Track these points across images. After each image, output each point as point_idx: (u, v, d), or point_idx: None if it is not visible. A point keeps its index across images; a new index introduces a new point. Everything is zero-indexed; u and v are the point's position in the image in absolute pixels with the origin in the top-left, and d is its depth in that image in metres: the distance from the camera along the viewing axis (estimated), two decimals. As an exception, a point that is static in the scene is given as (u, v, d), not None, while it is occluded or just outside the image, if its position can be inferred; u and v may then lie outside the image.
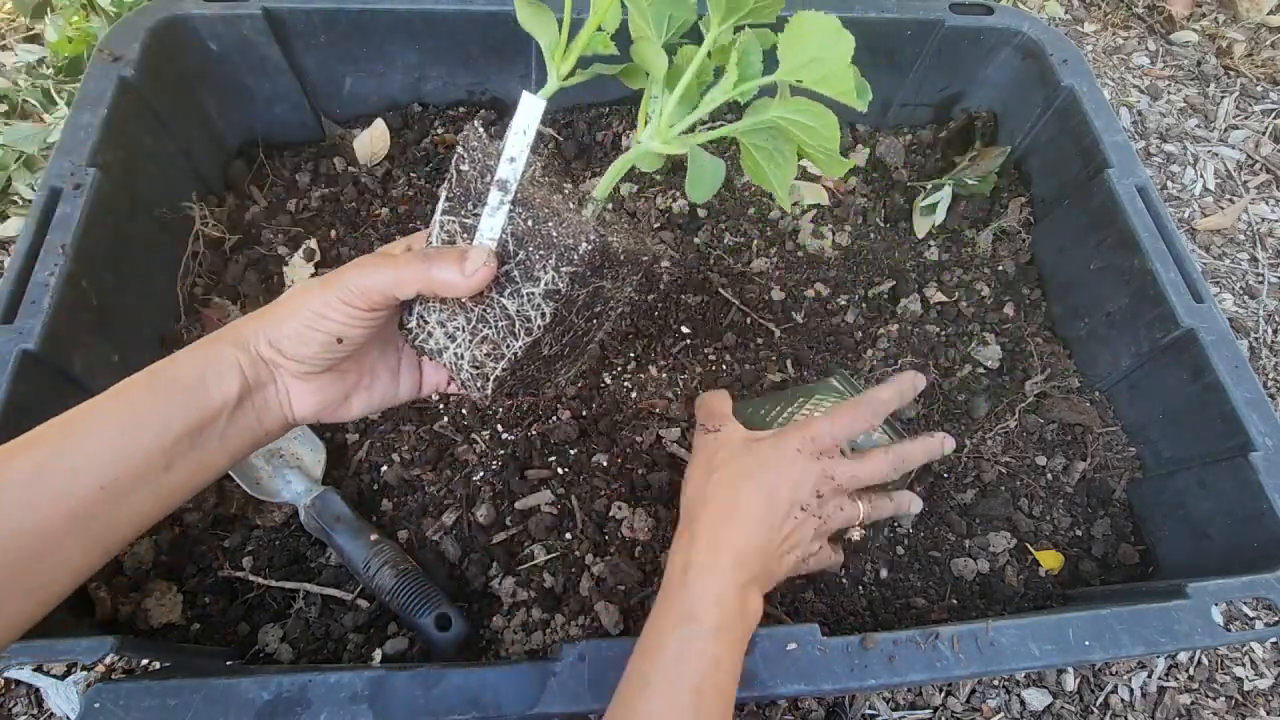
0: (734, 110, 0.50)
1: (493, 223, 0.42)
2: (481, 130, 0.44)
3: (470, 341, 0.44)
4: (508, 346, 0.44)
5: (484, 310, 0.43)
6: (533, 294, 0.42)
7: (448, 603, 0.65)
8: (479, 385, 0.46)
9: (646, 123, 0.46)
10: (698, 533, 0.54)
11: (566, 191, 0.48)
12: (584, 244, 0.41)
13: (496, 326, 0.44)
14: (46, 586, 0.37)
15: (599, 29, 0.43)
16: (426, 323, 0.45)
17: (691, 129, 0.45)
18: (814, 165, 0.47)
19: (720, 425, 0.60)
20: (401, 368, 0.51)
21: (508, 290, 0.43)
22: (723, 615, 0.50)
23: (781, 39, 0.41)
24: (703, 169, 0.45)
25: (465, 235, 0.44)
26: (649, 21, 0.44)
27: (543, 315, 0.43)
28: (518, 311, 0.43)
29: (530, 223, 0.42)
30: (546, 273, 0.42)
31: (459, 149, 0.44)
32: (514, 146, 0.42)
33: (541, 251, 0.41)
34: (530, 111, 0.42)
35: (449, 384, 0.53)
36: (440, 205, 0.44)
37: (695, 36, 0.45)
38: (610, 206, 0.47)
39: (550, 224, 0.41)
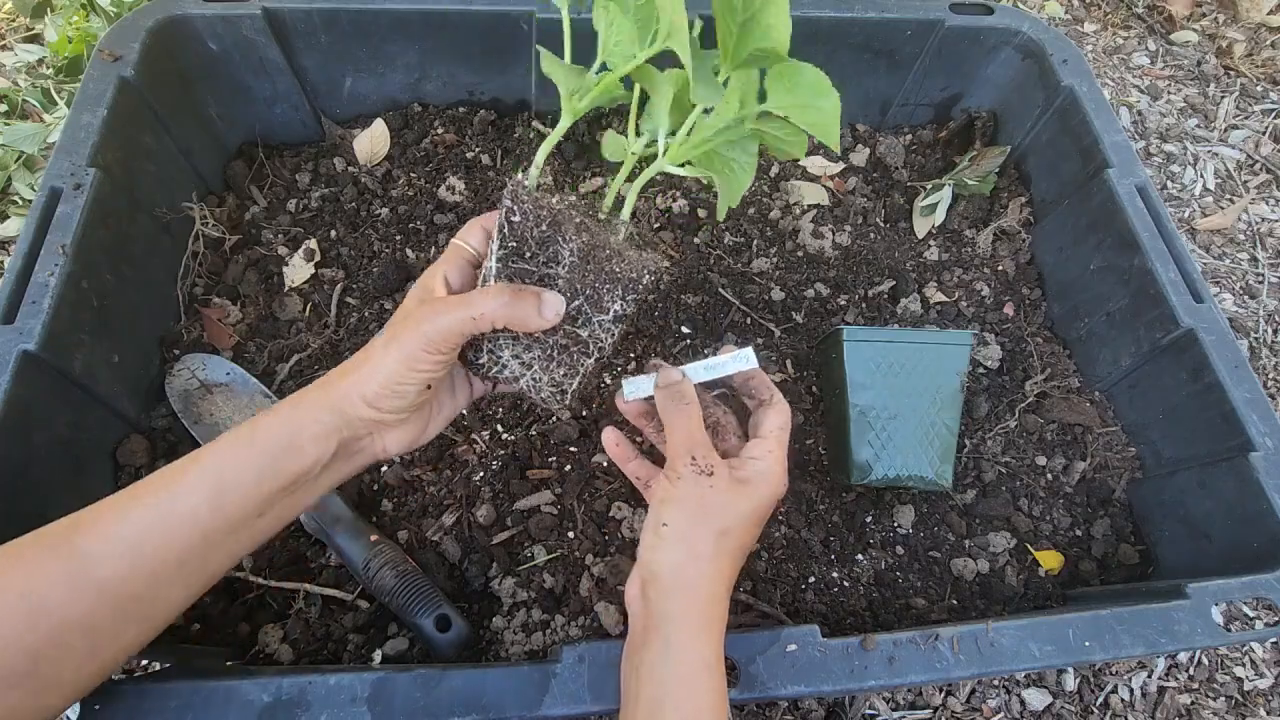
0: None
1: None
2: (524, 180, 0.48)
3: (548, 366, 0.50)
4: (581, 365, 0.50)
5: (559, 340, 0.49)
6: (603, 320, 0.49)
7: (448, 603, 0.65)
8: (558, 398, 0.52)
9: (639, 134, 0.52)
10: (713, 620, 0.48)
11: (582, 204, 0.51)
12: (646, 276, 0.49)
13: (571, 351, 0.50)
14: (154, 617, 0.44)
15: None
16: (499, 358, 0.50)
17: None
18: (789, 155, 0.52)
19: (714, 467, 0.50)
20: (456, 386, 0.55)
21: (579, 321, 0.49)
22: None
23: (775, 78, 0.46)
24: (730, 185, 0.50)
25: (529, 281, 0.49)
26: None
27: (611, 335, 0.50)
28: (590, 335, 0.50)
29: (592, 263, 0.48)
30: (615, 303, 0.49)
31: (507, 202, 0.48)
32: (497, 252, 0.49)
33: (608, 286, 0.49)
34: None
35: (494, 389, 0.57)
36: (494, 252, 0.48)
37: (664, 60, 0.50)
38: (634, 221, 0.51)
39: (613, 262, 0.48)
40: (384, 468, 0.74)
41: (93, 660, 0.41)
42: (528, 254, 0.48)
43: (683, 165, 0.50)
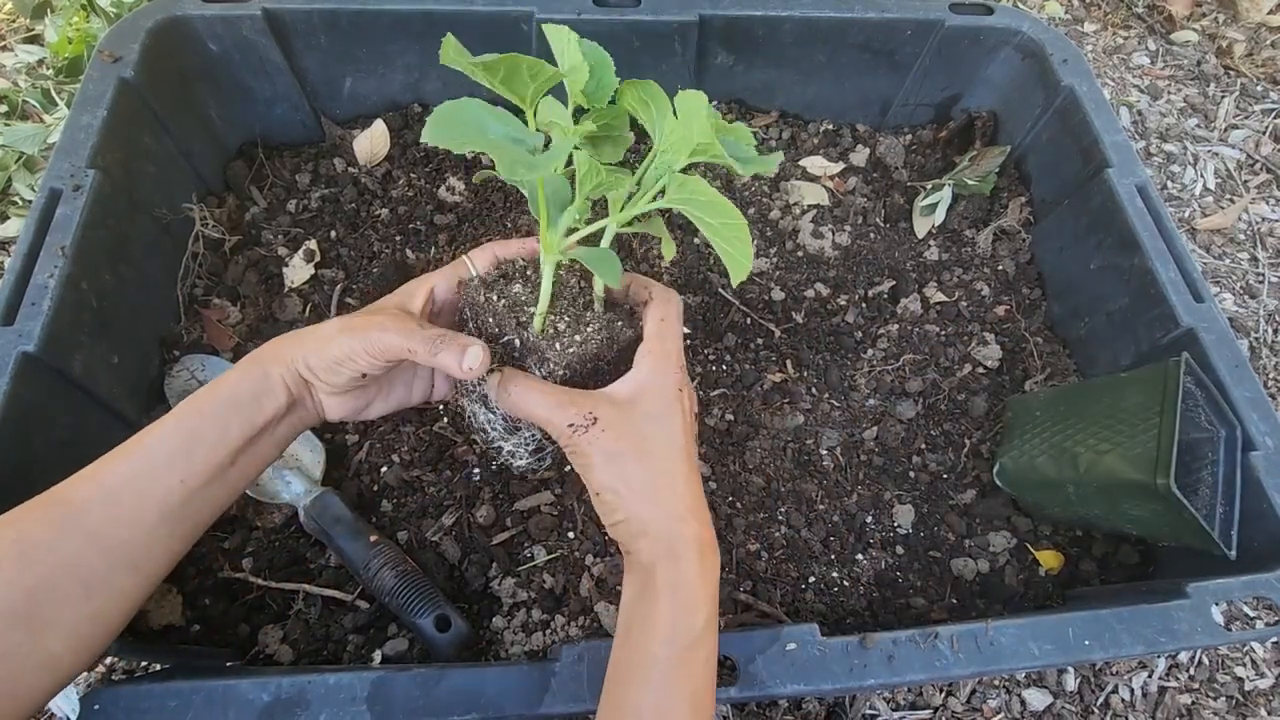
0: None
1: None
2: (478, 283, 0.52)
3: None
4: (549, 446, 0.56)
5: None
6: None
7: (447, 603, 0.65)
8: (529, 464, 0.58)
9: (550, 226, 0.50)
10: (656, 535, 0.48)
11: (507, 293, 0.53)
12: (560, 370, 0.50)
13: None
14: (145, 565, 0.46)
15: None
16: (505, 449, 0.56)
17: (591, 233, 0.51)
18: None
19: (594, 414, 0.48)
20: (415, 379, 0.57)
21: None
22: (708, 597, 0.47)
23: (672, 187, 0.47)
24: (610, 265, 0.49)
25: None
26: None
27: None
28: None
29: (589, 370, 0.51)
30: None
31: (465, 310, 0.53)
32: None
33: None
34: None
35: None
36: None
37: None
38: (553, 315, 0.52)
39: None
40: (384, 468, 0.74)
41: (88, 603, 0.43)
42: (495, 334, 0.52)
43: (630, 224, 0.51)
